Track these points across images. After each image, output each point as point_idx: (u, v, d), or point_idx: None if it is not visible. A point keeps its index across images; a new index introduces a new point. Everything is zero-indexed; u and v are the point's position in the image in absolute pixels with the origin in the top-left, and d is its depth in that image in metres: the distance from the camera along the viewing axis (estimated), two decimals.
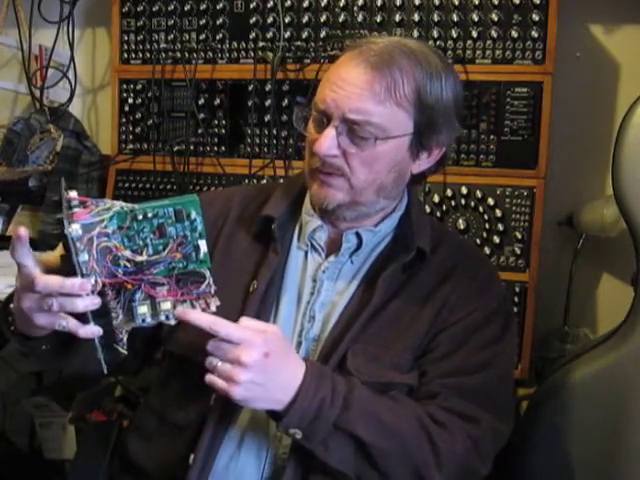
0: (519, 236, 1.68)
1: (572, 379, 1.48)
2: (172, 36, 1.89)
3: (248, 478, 1.04)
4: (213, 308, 0.91)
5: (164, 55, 1.89)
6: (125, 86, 1.95)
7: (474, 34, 1.67)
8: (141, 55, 1.93)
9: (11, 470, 2.11)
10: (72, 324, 0.86)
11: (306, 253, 1.14)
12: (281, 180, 1.80)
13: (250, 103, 1.83)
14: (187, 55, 1.88)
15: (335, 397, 0.96)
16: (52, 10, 2.01)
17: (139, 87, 1.93)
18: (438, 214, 1.72)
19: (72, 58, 2.04)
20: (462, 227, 1.70)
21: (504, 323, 1.12)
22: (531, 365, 1.73)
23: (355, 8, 1.74)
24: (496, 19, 1.65)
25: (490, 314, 1.11)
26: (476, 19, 1.66)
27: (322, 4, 1.76)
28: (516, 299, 1.69)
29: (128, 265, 0.86)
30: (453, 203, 1.71)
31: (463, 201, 1.71)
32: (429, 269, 1.11)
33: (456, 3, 1.67)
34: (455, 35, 1.68)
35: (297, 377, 0.95)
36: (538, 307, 1.71)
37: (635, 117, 1.37)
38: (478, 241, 1.70)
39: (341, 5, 1.75)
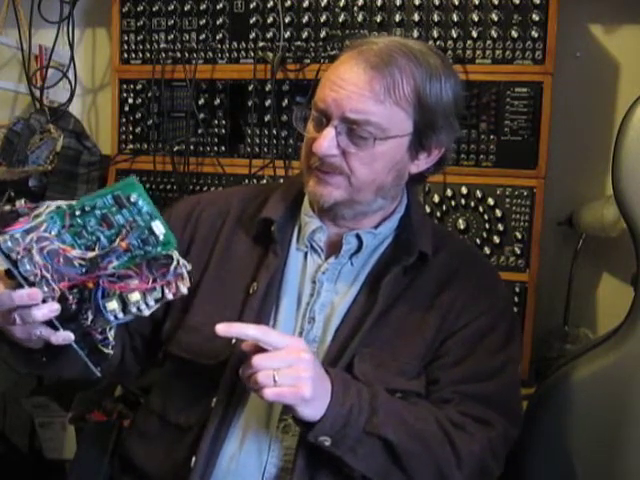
0: (519, 236, 1.68)
1: (572, 379, 1.48)
2: (172, 36, 1.89)
3: (249, 477, 1.04)
4: (184, 290, 0.87)
5: (164, 55, 1.89)
6: (125, 86, 1.95)
7: (474, 34, 1.67)
8: (141, 55, 1.93)
9: (11, 470, 2.11)
10: (45, 332, 0.84)
11: (305, 254, 1.14)
12: (281, 180, 1.80)
13: (250, 103, 1.83)
14: (187, 55, 1.87)
15: (362, 403, 0.97)
16: (52, 10, 2.01)
17: (139, 87, 1.93)
18: (438, 214, 1.72)
19: (72, 58, 2.04)
20: (462, 227, 1.70)
21: (511, 324, 1.13)
22: (531, 365, 1.73)
23: (355, 8, 1.74)
24: (496, 19, 1.65)
25: (497, 316, 1.11)
26: (476, 19, 1.66)
27: (322, 4, 1.76)
28: (516, 299, 1.69)
29: (83, 263, 0.83)
30: (453, 203, 1.71)
31: (463, 201, 1.71)
32: (431, 272, 1.11)
33: (456, 3, 1.67)
34: (455, 35, 1.68)
35: (329, 383, 0.96)
36: (538, 307, 1.71)
37: (635, 117, 1.37)
38: (478, 241, 1.70)
39: (341, 5, 1.75)
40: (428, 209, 1.72)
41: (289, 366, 0.90)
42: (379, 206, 1.11)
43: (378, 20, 1.72)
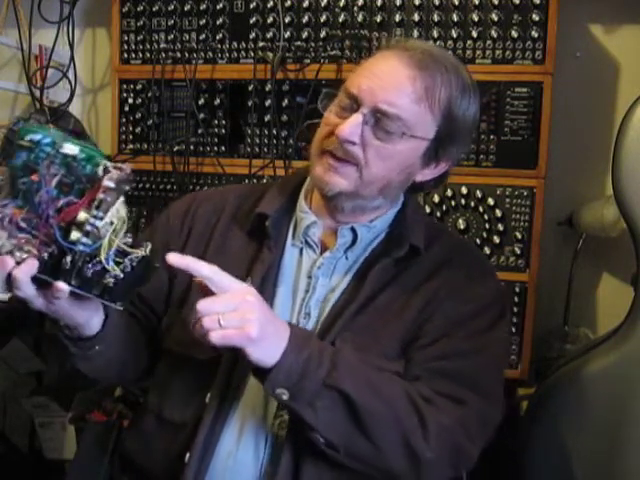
0: (519, 236, 1.68)
1: (572, 379, 1.48)
2: (172, 36, 1.89)
3: (247, 474, 1.03)
4: (111, 184, 0.85)
5: (164, 55, 1.89)
6: (125, 86, 1.94)
7: (474, 34, 1.67)
8: (141, 55, 1.93)
9: (11, 470, 2.11)
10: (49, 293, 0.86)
11: (301, 250, 1.14)
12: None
13: (250, 103, 1.83)
14: (187, 55, 1.87)
15: (323, 356, 0.95)
16: (52, 10, 2.01)
17: (139, 87, 1.93)
18: (438, 214, 1.72)
19: (72, 58, 2.04)
20: (462, 227, 1.70)
21: (496, 317, 1.11)
22: (531, 365, 1.73)
23: (355, 8, 1.74)
24: (496, 19, 1.65)
25: (481, 308, 1.09)
26: (476, 19, 1.66)
27: (322, 4, 1.76)
28: (516, 299, 1.69)
29: (32, 218, 0.83)
30: (453, 203, 1.72)
31: (463, 201, 1.71)
32: (422, 264, 1.11)
33: (456, 3, 1.67)
34: (455, 35, 1.68)
35: (285, 329, 0.95)
36: (538, 307, 1.72)
37: (635, 117, 1.37)
38: (478, 241, 1.70)
39: (341, 5, 1.75)
40: (428, 209, 1.72)
41: (234, 309, 0.89)
42: (378, 205, 1.11)
43: (378, 20, 1.72)
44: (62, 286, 0.84)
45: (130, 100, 1.94)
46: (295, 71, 1.80)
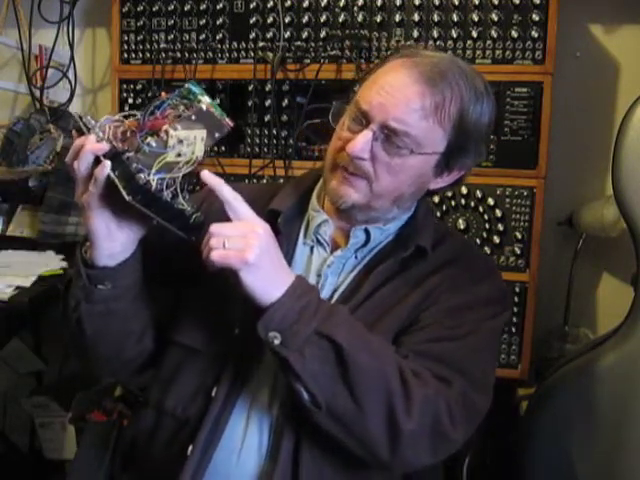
0: (519, 236, 1.68)
1: (572, 379, 1.48)
2: (172, 36, 1.89)
3: (248, 468, 1.03)
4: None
5: (164, 55, 1.89)
6: (125, 86, 1.94)
7: (474, 34, 1.67)
8: (141, 55, 1.93)
9: (11, 470, 2.11)
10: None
11: (312, 249, 1.14)
12: (281, 180, 1.80)
13: (250, 103, 1.83)
14: (187, 55, 1.88)
15: (320, 305, 0.96)
16: (52, 10, 2.01)
17: (139, 87, 1.93)
18: (438, 214, 1.72)
19: (72, 58, 2.04)
20: (462, 227, 1.70)
21: (493, 314, 1.10)
22: (531, 365, 1.73)
23: (355, 8, 1.74)
24: (496, 19, 1.65)
25: (478, 301, 1.09)
26: (476, 19, 1.66)
27: (322, 4, 1.76)
28: (516, 299, 1.69)
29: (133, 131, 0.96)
30: (453, 203, 1.72)
31: (463, 201, 1.71)
32: (427, 263, 1.12)
33: (456, 3, 1.67)
34: (455, 35, 1.68)
35: (289, 275, 0.96)
36: (538, 307, 1.72)
37: (635, 117, 1.38)
38: (478, 241, 1.70)
39: (341, 5, 1.75)
40: None
41: (241, 236, 0.93)
42: (393, 215, 1.12)
43: (378, 20, 1.72)
44: (107, 164, 0.92)
45: (130, 100, 1.94)
46: (295, 71, 1.80)
